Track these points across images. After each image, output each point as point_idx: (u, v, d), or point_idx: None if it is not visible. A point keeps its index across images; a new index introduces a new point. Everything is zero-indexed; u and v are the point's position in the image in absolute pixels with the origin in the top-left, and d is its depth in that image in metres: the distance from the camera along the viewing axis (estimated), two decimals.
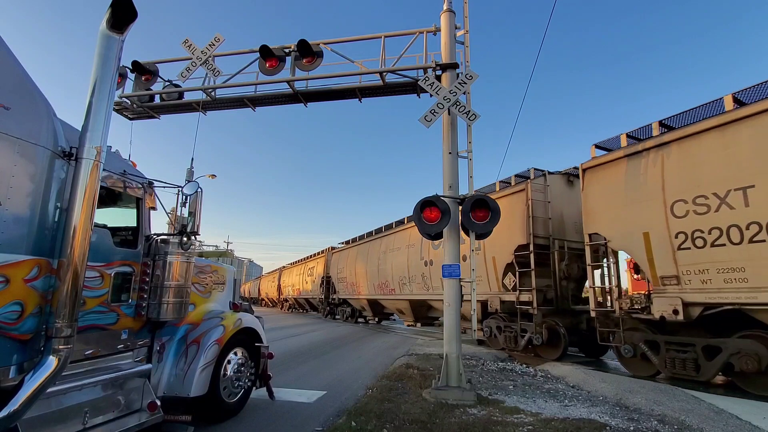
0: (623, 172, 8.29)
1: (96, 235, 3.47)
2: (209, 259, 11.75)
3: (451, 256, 6.60)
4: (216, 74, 8.24)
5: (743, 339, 6.57)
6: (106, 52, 3.21)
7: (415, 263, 15.59)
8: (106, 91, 3.20)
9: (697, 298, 6.88)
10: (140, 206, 4.23)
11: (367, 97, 8.38)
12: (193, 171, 11.52)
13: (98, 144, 3.11)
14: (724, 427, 4.89)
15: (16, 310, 2.78)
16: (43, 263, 2.97)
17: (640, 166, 7.90)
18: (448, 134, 6.97)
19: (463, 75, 6.85)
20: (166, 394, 4.24)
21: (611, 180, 8.52)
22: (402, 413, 5.09)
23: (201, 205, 4.46)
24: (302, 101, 8.44)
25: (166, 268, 4.18)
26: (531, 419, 5.01)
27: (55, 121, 3.19)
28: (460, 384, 6.11)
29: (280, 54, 8.07)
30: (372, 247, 20.31)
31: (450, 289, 6.51)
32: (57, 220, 3.10)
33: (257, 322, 5.56)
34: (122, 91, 8.79)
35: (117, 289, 3.79)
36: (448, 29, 7.35)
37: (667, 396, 6.11)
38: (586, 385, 7.11)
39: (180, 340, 4.56)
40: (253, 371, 5.35)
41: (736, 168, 6.45)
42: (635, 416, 5.24)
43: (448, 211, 6.33)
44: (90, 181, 3.05)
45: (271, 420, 5.03)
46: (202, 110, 8.78)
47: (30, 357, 2.88)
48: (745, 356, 6.43)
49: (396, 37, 7.97)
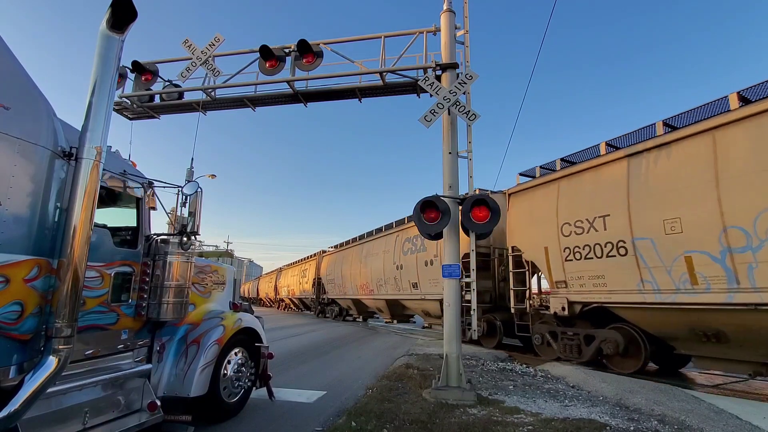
0: (534, 198, 10.23)
1: (96, 235, 3.47)
2: (209, 259, 11.75)
3: (450, 256, 6.60)
4: (216, 74, 8.23)
5: (609, 330, 8.48)
6: (106, 52, 3.21)
7: (389, 267, 17.81)
8: (106, 91, 3.19)
9: (577, 298, 8.88)
10: (140, 206, 4.22)
11: (367, 97, 8.38)
12: (193, 171, 11.54)
13: (98, 144, 3.10)
14: (724, 427, 4.89)
15: (16, 310, 2.78)
16: (43, 263, 2.97)
17: (544, 194, 9.82)
18: (448, 134, 6.97)
19: (463, 75, 6.85)
20: (166, 394, 4.24)
21: (526, 204, 10.49)
22: (402, 413, 5.09)
23: (201, 205, 4.46)
24: (302, 101, 8.44)
25: (166, 268, 4.17)
26: (531, 419, 5.01)
27: (55, 121, 3.19)
28: (460, 384, 6.11)
29: (280, 54, 8.07)
30: (355, 251, 22.41)
31: (450, 289, 6.51)
32: (57, 220, 3.10)
33: (257, 322, 5.55)
34: (122, 91, 8.79)
35: (117, 289, 3.78)
36: (448, 29, 7.35)
37: (667, 396, 6.11)
38: (586, 385, 7.11)
39: (180, 340, 4.56)
40: (253, 371, 5.34)
41: (600, 200, 8.35)
42: (635, 416, 5.24)
43: (448, 211, 6.33)
44: (90, 181, 3.05)
45: (271, 420, 5.03)
46: (202, 110, 8.78)
47: (30, 357, 2.87)
48: (609, 342, 8.39)
49: (396, 37, 7.97)
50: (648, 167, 7.58)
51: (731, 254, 6.24)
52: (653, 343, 7.98)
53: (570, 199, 9.09)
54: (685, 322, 7.15)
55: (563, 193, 9.28)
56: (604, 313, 8.56)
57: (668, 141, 7.26)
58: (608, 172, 8.27)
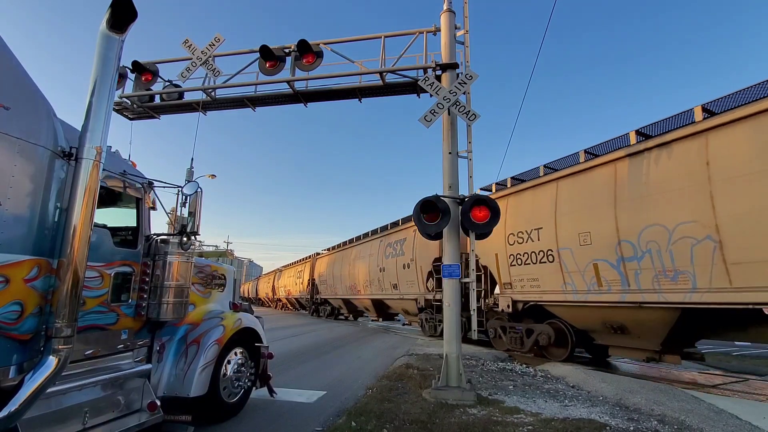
0: None
1: (96, 235, 3.47)
2: (209, 259, 11.74)
3: (450, 256, 6.59)
4: (216, 74, 8.24)
5: (544, 325, 9.84)
6: (106, 52, 3.21)
7: (374, 269, 19.48)
8: (106, 91, 3.19)
9: (519, 297, 10.40)
10: (140, 206, 4.22)
11: (367, 97, 8.39)
12: (193, 171, 11.53)
13: (98, 144, 3.10)
14: (724, 427, 4.89)
15: (16, 310, 2.78)
16: (43, 263, 2.97)
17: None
18: (448, 134, 6.97)
19: (463, 75, 6.85)
20: (166, 394, 4.24)
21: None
22: (402, 413, 5.09)
23: (201, 205, 4.46)
24: (302, 101, 8.44)
25: (166, 268, 4.17)
26: (531, 419, 5.01)
27: (55, 121, 3.19)
28: (460, 384, 6.11)
29: (280, 54, 8.07)
30: (346, 254, 24.02)
31: (450, 289, 6.51)
32: (57, 220, 3.10)
33: (257, 322, 5.56)
34: (122, 91, 8.79)
35: (117, 289, 3.78)
36: (448, 29, 7.35)
37: (667, 396, 6.11)
38: (586, 385, 7.11)
39: (180, 340, 4.56)
40: (253, 371, 5.34)
41: (537, 215, 9.78)
42: (635, 416, 5.24)
43: (448, 211, 6.33)
44: (90, 181, 3.04)
45: (271, 420, 5.03)
46: (202, 110, 8.78)
47: (30, 357, 2.87)
48: (543, 335, 9.77)
49: (396, 37, 7.97)
50: (570, 188, 9.11)
51: (624, 262, 7.76)
52: (579, 335, 9.44)
53: (515, 212, 10.56)
54: (597, 317, 8.67)
55: (511, 206, 10.68)
56: (540, 310, 10.06)
57: (585, 168, 8.77)
58: (543, 192, 9.81)
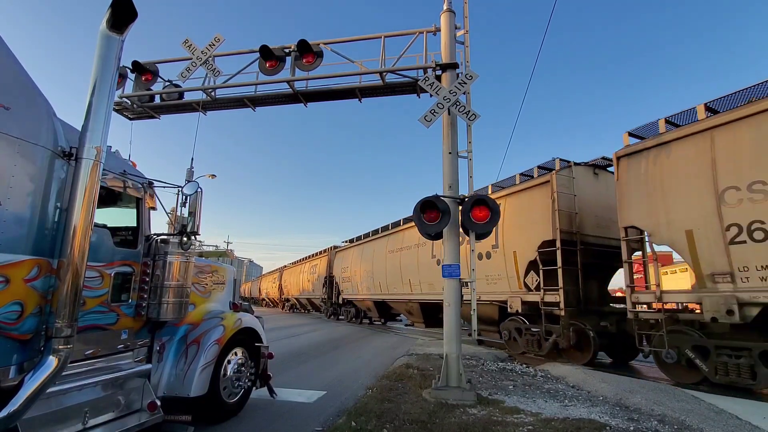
0: (668, 157, 7.65)
1: (96, 235, 3.47)
2: (209, 259, 11.75)
3: (451, 256, 6.60)
4: (216, 74, 8.24)
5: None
6: (106, 52, 3.20)
7: (425, 262, 14.81)
8: (106, 91, 3.19)
9: (748, 297, 6.41)
10: (140, 206, 4.22)
11: (367, 97, 8.38)
12: (193, 171, 11.54)
13: (98, 144, 3.10)
14: (724, 427, 4.88)
15: (16, 310, 2.78)
16: (43, 263, 2.97)
17: (687, 150, 7.33)
18: (448, 134, 6.97)
19: (463, 75, 6.85)
20: (166, 394, 4.24)
21: (652, 167, 7.92)
22: (402, 413, 5.09)
23: (201, 205, 4.46)
24: (302, 101, 8.44)
25: (166, 268, 4.17)
26: (531, 419, 5.01)
27: (55, 121, 3.19)
28: (460, 384, 6.11)
29: (280, 54, 8.07)
30: (377, 246, 19.25)
31: (450, 289, 6.51)
32: (57, 220, 3.10)
33: (257, 322, 5.56)
34: (122, 91, 8.79)
35: (117, 289, 3.78)
36: (448, 29, 7.35)
37: (667, 396, 6.11)
38: (586, 385, 7.11)
39: (180, 340, 4.56)
40: (253, 371, 5.34)
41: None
42: (635, 416, 5.24)
43: (448, 211, 6.33)
44: (90, 181, 3.04)
45: (271, 420, 5.03)
46: (202, 110, 8.78)
47: (30, 357, 2.87)
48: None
49: (396, 37, 7.97)
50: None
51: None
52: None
53: (736, 155, 6.63)
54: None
55: (722, 146, 6.83)
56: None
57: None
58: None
